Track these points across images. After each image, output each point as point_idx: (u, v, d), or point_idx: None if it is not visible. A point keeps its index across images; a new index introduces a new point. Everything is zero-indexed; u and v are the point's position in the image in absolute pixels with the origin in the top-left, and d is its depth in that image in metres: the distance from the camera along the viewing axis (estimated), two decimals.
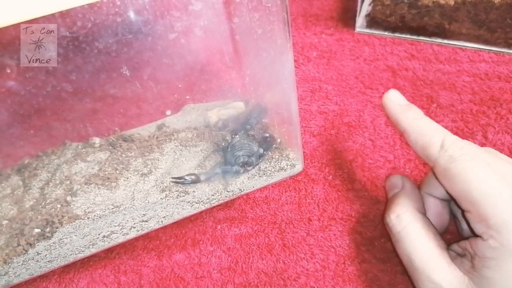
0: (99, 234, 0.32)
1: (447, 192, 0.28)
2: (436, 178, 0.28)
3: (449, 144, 0.26)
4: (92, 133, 0.38)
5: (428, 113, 0.43)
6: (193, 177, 0.33)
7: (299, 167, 0.36)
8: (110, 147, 0.37)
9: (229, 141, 0.35)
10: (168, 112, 0.40)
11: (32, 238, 0.30)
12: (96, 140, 0.38)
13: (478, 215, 0.24)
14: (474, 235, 0.25)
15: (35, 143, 0.37)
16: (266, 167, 0.35)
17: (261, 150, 0.34)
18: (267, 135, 0.36)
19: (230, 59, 0.38)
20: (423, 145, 0.28)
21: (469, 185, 0.24)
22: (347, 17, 0.56)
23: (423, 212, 0.30)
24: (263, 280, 0.33)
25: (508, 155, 0.38)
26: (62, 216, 0.31)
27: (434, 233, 0.28)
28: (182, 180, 0.33)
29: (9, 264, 0.30)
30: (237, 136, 0.35)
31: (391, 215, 0.29)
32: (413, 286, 0.29)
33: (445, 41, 0.50)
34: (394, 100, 0.30)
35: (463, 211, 0.26)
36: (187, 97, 0.40)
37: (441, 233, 0.31)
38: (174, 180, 0.33)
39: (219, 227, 0.37)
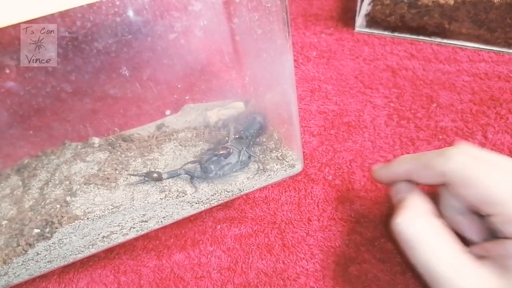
0: (98, 235, 0.32)
1: (465, 203, 0.27)
2: (446, 193, 0.28)
3: (452, 153, 0.26)
4: (92, 133, 0.38)
5: (428, 113, 0.43)
6: (154, 175, 0.32)
7: (298, 167, 0.36)
8: (110, 147, 0.37)
9: (227, 141, 0.35)
10: (168, 112, 0.40)
11: (32, 239, 0.30)
12: (96, 140, 0.38)
13: (505, 215, 0.24)
14: (499, 237, 0.25)
15: (34, 143, 0.37)
16: (265, 167, 0.35)
17: (224, 155, 0.33)
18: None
19: (230, 59, 0.38)
20: (427, 168, 0.27)
21: (488, 189, 0.24)
22: (346, 17, 0.56)
23: (437, 215, 0.28)
24: (262, 280, 0.33)
25: (508, 155, 0.38)
26: (62, 216, 0.31)
27: (453, 236, 0.26)
28: (142, 178, 0.32)
29: (9, 265, 0.30)
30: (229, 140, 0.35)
31: (398, 219, 0.27)
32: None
33: (445, 40, 0.50)
34: (379, 168, 0.32)
35: (483, 217, 0.26)
36: (187, 97, 0.40)
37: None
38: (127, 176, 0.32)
39: (218, 227, 0.37)
